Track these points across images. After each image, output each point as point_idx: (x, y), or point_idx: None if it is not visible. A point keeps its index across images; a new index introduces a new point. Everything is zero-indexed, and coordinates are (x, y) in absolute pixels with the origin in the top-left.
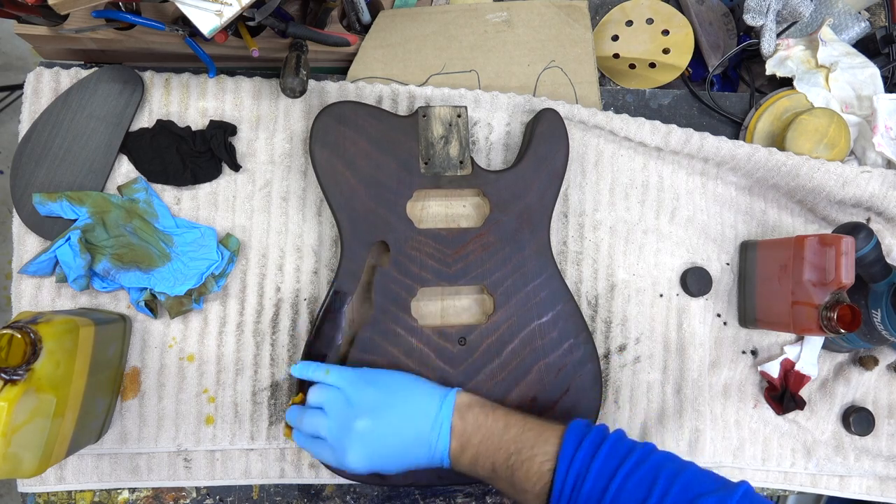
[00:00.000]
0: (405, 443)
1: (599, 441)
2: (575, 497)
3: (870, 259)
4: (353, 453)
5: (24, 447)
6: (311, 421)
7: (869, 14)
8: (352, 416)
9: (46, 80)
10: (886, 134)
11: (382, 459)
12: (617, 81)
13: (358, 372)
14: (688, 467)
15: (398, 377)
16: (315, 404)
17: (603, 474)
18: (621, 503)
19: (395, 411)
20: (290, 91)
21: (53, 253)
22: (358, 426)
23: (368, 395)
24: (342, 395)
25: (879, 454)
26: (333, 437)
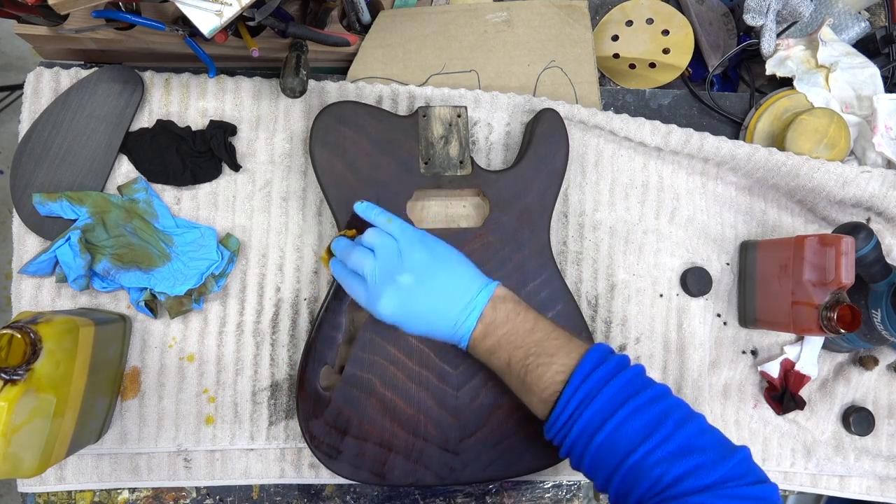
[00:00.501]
0: (435, 310)
1: (618, 370)
2: (578, 414)
3: (870, 259)
4: (386, 300)
5: (24, 447)
6: (359, 257)
7: (869, 14)
8: (399, 267)
9: (46, 80)
10: (886, 134)
11: (408, 316)
12: (617, 81)
13: (418, 232)
14: (696, 418)
15: (452, 252)
16: (368, 244)
17: (611, 402)
18: (621, 435)
19: (439, 279)
20: (290, 91)
21: (53, 253)
22: (401, 279)
23: (420, 255)
24: (396, 245)
25: (879, 454)
26: (373, 280)
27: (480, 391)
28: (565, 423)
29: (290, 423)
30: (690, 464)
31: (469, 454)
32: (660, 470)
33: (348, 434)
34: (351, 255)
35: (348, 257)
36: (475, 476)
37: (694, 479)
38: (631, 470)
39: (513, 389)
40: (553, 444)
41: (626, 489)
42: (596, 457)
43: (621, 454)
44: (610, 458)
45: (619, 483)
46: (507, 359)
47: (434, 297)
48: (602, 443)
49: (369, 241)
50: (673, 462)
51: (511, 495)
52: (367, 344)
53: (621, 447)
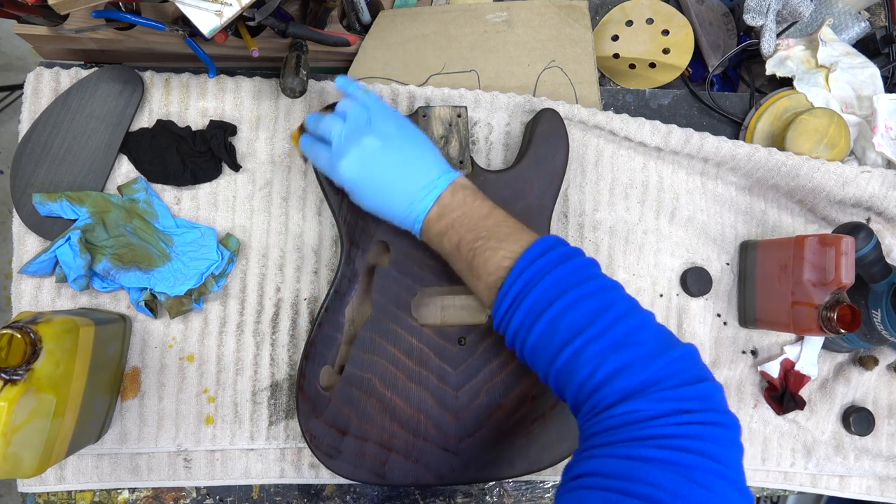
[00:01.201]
0: (394, 183)
1: (566, 258)
2: (520, 301)
3: (870, 259)
4: (347, 161)
5: (24, 447)
6: (328, 122)
7: (869, 14)
8: (365, 132)
9: (46, 80)
10: (886, 134)
11: (366, 182)
12: (617, 81)
13: (391, 109)
14: (641, 312)
15: (421, 135)
16: (340, 111)
17: (553, 288)
18: (561, 324)
19: (404, 152)
20: (290, 91)
21: (53, 253)
22: (366, 141)
23: (390, 126)
24: (367, 113)
25: (879, 454)
26: (338, 142)
27: (480, 391)
28: (507, 309)
29: (290, 423)
30: (624, 359)
31: (469, 454)
32: (592, 364)
33: (348, 434)
34: (321, 122)
35: (318, 124)
36: (475, 476)
37: (624, 378)
38: (568, 362)
39: (460, 275)
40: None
41: (562, 384)
42: (536, 346)
43: (558, 344)
44: (548, 347)
45: (556, 376)
46: (456, 241)
47: (395, 169)
48: (542, 331)
49: (342, 108)
50: (607, 357)
51: (511, 495)
52: (367, 344)
53: (559, 337)
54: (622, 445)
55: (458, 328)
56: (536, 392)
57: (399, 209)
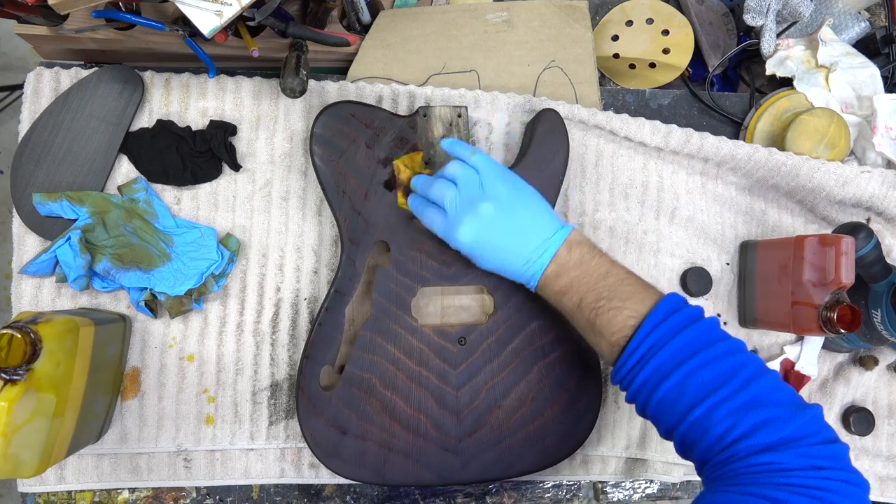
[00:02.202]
0: (511, 244)
1: (692, 320)
2: (647, 360)
3: (870, 259)
4: (465, 228)
5: (24, 447)
6: (440, 187)
7: (869, 14)
8: (480, 197)
9: (46, 80)
10: (886, 134)
11: (484, 246)
12: (617, 81)
13: (501, 166)
14: (770, 374)
15: (533, 191)
16: (450, 176)
17: (682, 351)
18: (690, 385)
19: (518, 213)
20: (290, 91)
21: (53, 253)
22: (482, 208)
23: (502, 188)
24: (478, 177)
25: (879, 454)
26: (454, 209)
27: (481, 391)
28: (632, 367)
29: (290, 422)
30: (760, 417)
31: (469, 454)
32: (729, 422)
33: (348, 434)
34: (433, 186)
35: (429, 188)
36: (475, 476)
37: (763, 434)
38: (699, 421)
39: (580, 331)
40: (621, 390)
41: (693, 440)
42: (661, 404)
43: (689, 403)
44: (676, 406)
45: (685, 433)
46: (577, 301)
47: (511, 231)
48: (669, 390)
49: (451, 172)
50: (743, 415)
51: (511, 495)
52: (368, 344)
53: (689, 396)
54: (760, 486)
55: (459, 328)
56: (536, 392)
57: (515, 268)
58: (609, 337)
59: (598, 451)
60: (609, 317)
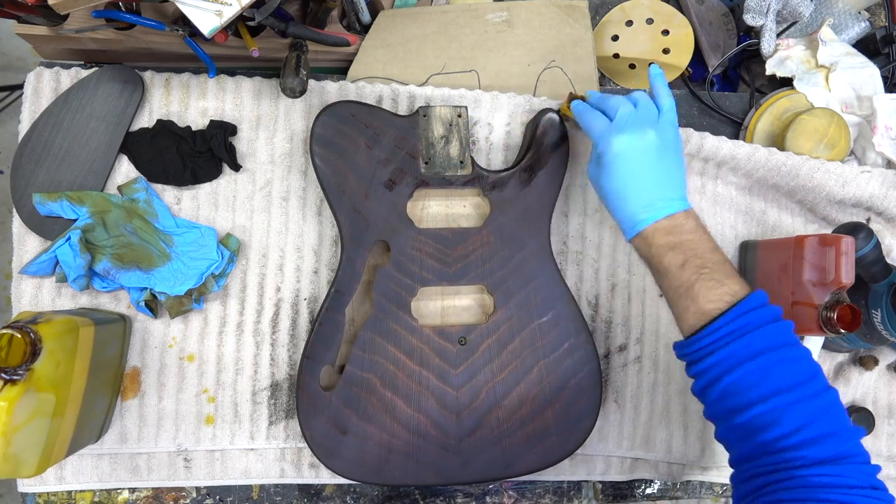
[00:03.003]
0: (648, 179)
1: (777, 318)
2: (728, 341)
3: (870, 259)
4: (623, 138)
5: (24, 447)
6: (618, 101)
7: (869, 14)
8: (651, 125)
9: (46, 80)
10: (886, 134)
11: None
12: (617, 81)
13: (676, 119)
14: (833, 390)
15: (682, 157)
16: (633, 98)
17: (769, 340)
18: (774, 374)
19: (668, 160)
20: (290, 91)
21: (53, 253)
22: (648, 133)
23: (670, 134)
24: (657, 114)
25: (879, 454)
26: (623, 120)
27: (481, 391)
28: (715, 341)
29: (290, 422)
30: (829, 428)
31: (469, 454)
32: (799, 423)
33: (348, 433)
34: (610, 98)
35: (608, 99)
36: (475, 476)
37: (828, 445)
38: (771, 411)
39: (667, 289)
40: (679, 357)
41: (756, 428)
42: (736, 385)
43: (768, 391)
44: (752, 391)
45: (750, 419)
46: (683, 260)
47: (654, 170)
48: (748, 373)
49: (636, 97)
50: (814, 419)
51: (511, 495)
52: (368, 343)
53: (769, 385)
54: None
55: (459, 328)
56: (537, 392)
57: (635, 206)
58: (703, 304)
59: (599, 451)
60: (709, 286)
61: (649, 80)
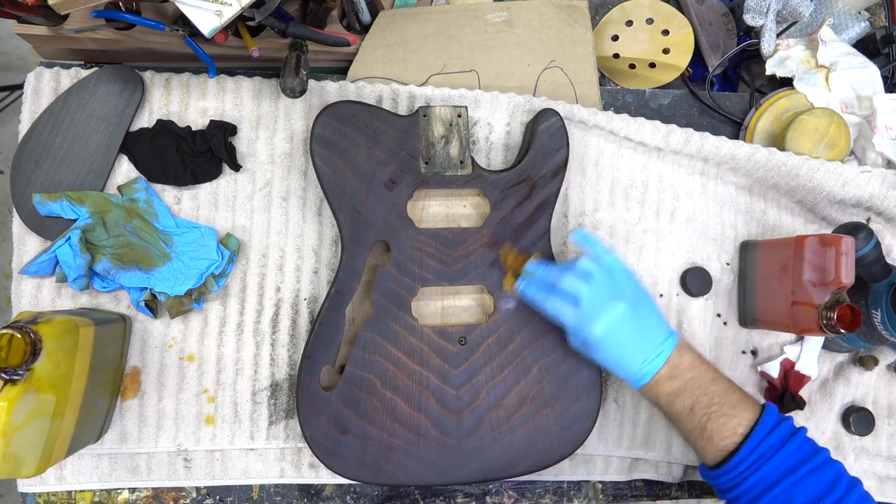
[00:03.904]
0: (633, 342)
1: (792, 432)
2: (753, 470)
3: (870, 259)
4: (601, 323)
5: (24, 447)
6: (575, 282)
7: (869, 14)
8: (615, 295)
9: (46, 80)
10: (886, 134)
11: (609, 341)
12: (617, 81)
13: (626, 268)
14: (860, 484)
15: (648, 294)
16: (582, 272)
17: (789, 461)
18: (801, 490)
19: (643, 314)
20: (290, 91)
21: (53, 253)
22: (617, 307)
23: (631, 288)
24: (610, 276)
25: (879, 454)
26: (589, 304)
27: (481, 391)
28: (741, 472)
29: (290, 422)
30: None
31: (469, 454)
32: None
33: (348, 433)
34: (564, 279)
35: (560, 279)
36: (475, 476)
37: None
38: None
39: (683, 432)
40: (710, 485)
41: None
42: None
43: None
44: None
45: None
46: (691, 403)
47: (637, 330)
48: (776, 496)
49: (585, 269)
50: None
51: (511, 495)
52: (368, 343)
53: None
54: None
55: (459, 328)
56: (537, 392)
57: (632, 366)
58: (718, 442)
59: (599, 450)
60: (721, 423)
61: (579, 248)
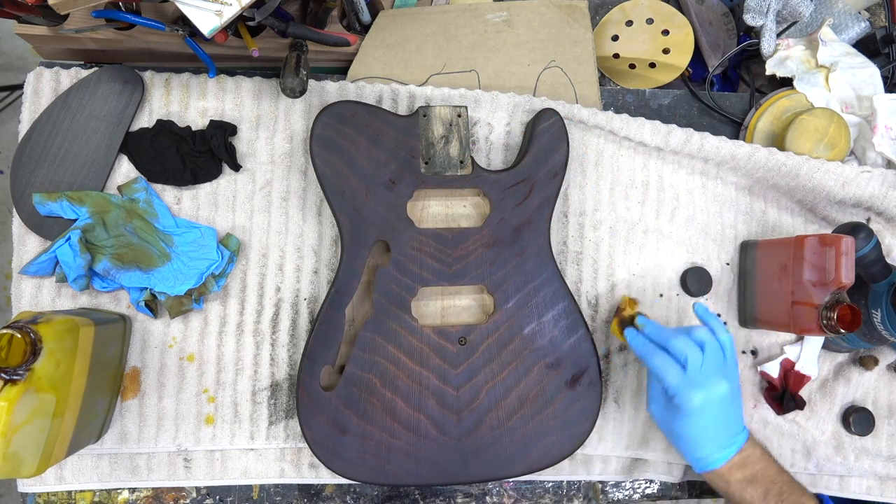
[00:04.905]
0: (717, 424)
1: None
2: None
3: (870, 259)
4: (701, 394)
5: (24, 447)
6: (688, 346)
7: (869, 14)
8: (720, 373)
9: (46, 80)
10: (886, 134)
11: (698, 416)
12: (617, 81)
13: (736, 358)
14: None
15: (740, 385)
16: (698, 340)
17: None
18: None
19: (735, 403)
20: (290, 91)
21: (53, 253)
22: (720, 383)
23: (733, 372)
24: (723, 354)
25: (879, 454)
26: (696, 372)
27: (481, 391)
28: None
29: (290, 422)
30: None
31: (469, 454)
32: None
33: (348, 433)
34: (678, 340)
35: (672, 340)
36: (475, 476)
37: None
38: None
39: None
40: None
41: None
42: None
43: None
44: None
45: None
46: (763, 491)
47: (725, 414)
48: None
49: (700, 337)
50: None
51: (511, 495)
52: (368, 344)
53: None
54: None
55: (459, 328)
56: (537, 392)
57: (706, 449)
58: None
59: (599, 450)
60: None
61: (700, 320)
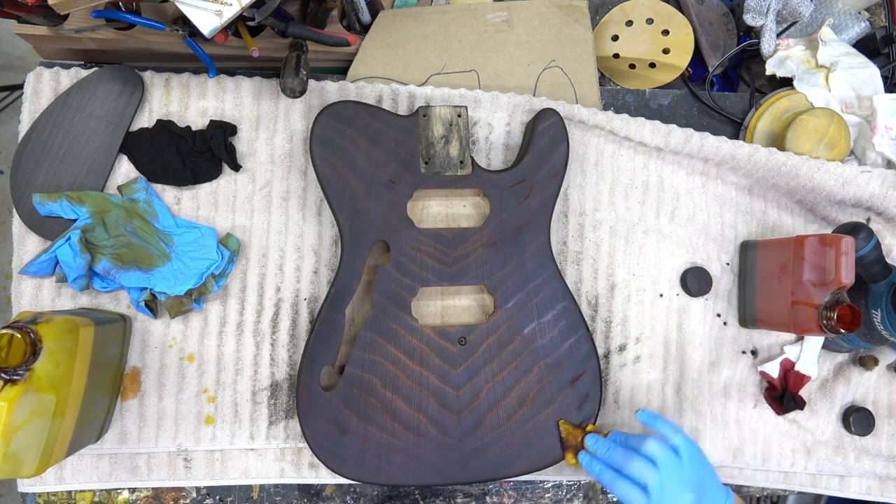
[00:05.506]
0: None
1: None
2: None
3: (870, 259)
4: None
5: (24, 447)
6: (642, 469)
7: (869, 14)
8: (682, 485)
9: (46, 80)
10: (886, 134)
11: None
12: (617, 81)
13: (694, 445)
14: None
15: (710, 465)
16: (649, 455)
17: None
18: None
19: (707, 491)
20: (290, 91)
21: (53, 253)
22: (685, 497)
23: (697, 472)
24: (678, 461)
25: (879, 454)
26: (658, 494)
27: (481, 391)
28: None
29: (290, 422)
30: None
31: (469, 454)
32: None
33: (348, 433)
34: (631, 464)
35: (626, 465)
36: (475, 476)
37: None
38: None
39: None
40: None
41: None
42: None
43: None
44: None
45: None
46: None
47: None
48: None
49: (651, 452)
50: None
51: (511, 495)
52: (368, 344)
53: None
54: None
55: (459, 328)
56: (536, 392)
57: None
58: None
59: None
60: None
61: (646, 426)
